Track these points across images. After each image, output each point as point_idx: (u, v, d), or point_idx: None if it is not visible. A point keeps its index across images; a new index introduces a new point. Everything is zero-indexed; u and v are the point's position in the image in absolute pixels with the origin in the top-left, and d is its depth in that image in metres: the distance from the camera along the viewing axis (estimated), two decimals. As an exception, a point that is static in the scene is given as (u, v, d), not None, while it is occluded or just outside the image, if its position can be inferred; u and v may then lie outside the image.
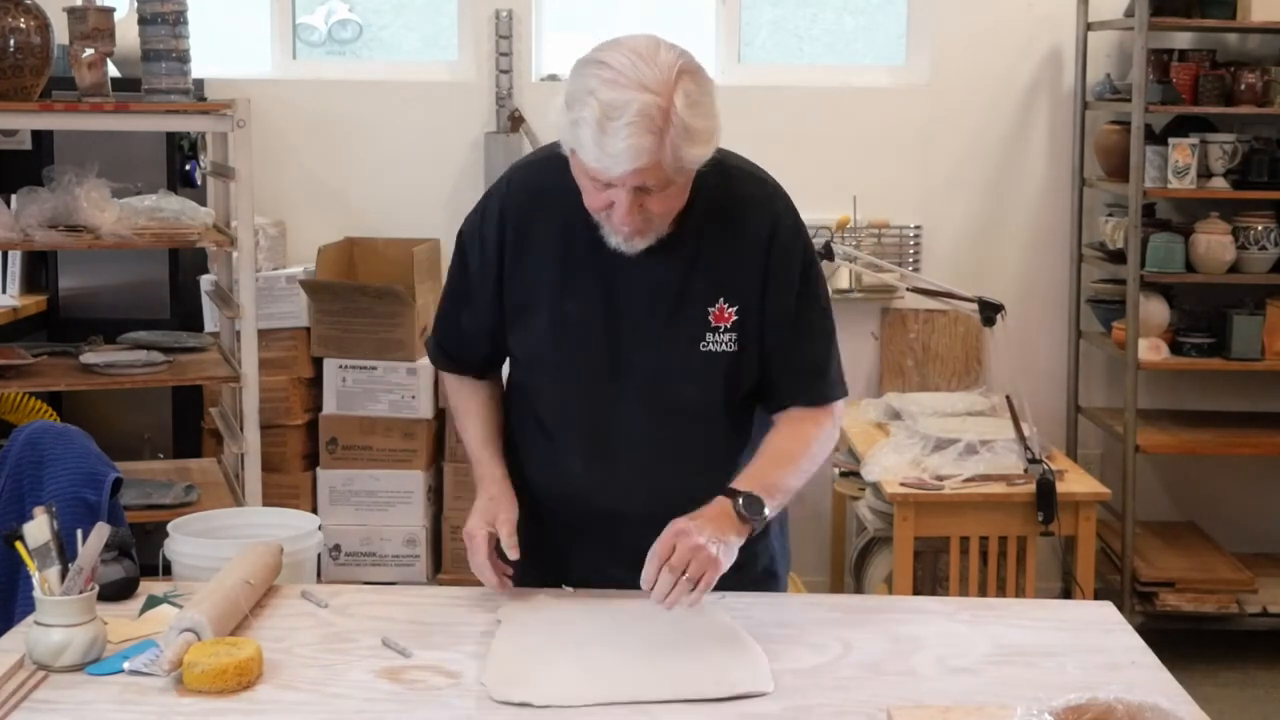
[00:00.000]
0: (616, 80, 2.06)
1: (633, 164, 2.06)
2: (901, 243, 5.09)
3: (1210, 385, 5.11)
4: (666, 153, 2.07)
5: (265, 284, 4.67)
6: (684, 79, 2.08)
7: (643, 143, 2.05)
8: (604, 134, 2.05)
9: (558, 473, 2.40)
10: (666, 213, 2.19)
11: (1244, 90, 4.66)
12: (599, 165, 2.09)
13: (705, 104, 2.11)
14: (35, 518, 2.08)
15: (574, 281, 2.28)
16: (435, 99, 5.11)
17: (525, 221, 2.30)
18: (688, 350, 2.27)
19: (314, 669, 2.05)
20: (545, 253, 2.29)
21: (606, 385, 2.30)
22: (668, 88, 2.06)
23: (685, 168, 2.12)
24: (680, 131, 2.07)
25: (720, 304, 2.27)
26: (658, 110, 2.05)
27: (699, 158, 2.12)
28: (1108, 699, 1.67)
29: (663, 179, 2.11)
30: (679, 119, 2.06)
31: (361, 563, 4.89)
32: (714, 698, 1.97)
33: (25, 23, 3.74)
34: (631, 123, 2.04)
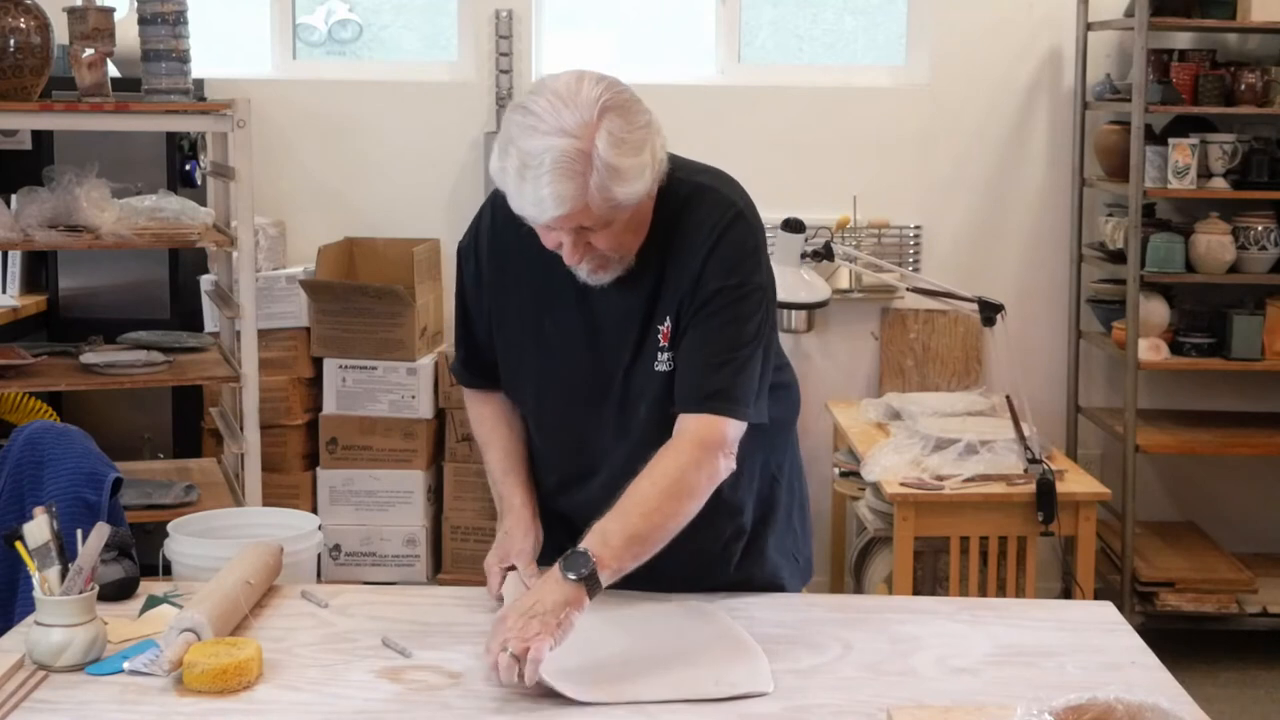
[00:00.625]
0: (537, 127, 2.03)
1: (555, 211, 2.04)
2: (901, 243, 5.09)
3: (1210, 385, 5.10)
4: (593, 194, 2.03)
5: (265, 284, 4.67)
6: (607, 117, 2.04)
7: (563, 189, 2.02)
8: (524, 182, 2.03)
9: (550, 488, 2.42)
10: (619, 246, 2.15)
11: (1244, 90, 4.66)
12: (524, 214, 2.08)
13: (632, 139, 2.06)
14: (35, 518, 2.08)
15: (555, 300, 2.27)
16: (435, 99, 5.11)
17: (504, 245, 2.30)
18: (646, 371, 2.25)
19: (314, 669, 2.06)
20: (526, 273, 2.29)
21: (585, 404, 2.30)
22: (589, 129, 2.02)
23: (620, 205, 2.07)
24: (605, 172, 2.03)
25: (667, 322, 2.23)
26: (578, 154, 2.01)
27: (631, 194, 2.07)
28: (1108, 699, 1.67)
29: (597, 219, 2.08)
30: (601, 161, 2.02)
31: (361, 563, 4.89)
32: (714, 698, 1.97)
33: (25, 23, 3.74)
34: (549, 170, 2.01)
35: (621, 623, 2.22)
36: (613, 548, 2.08)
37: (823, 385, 5.08)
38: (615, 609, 2.26)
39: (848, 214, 4.99)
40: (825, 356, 5.08)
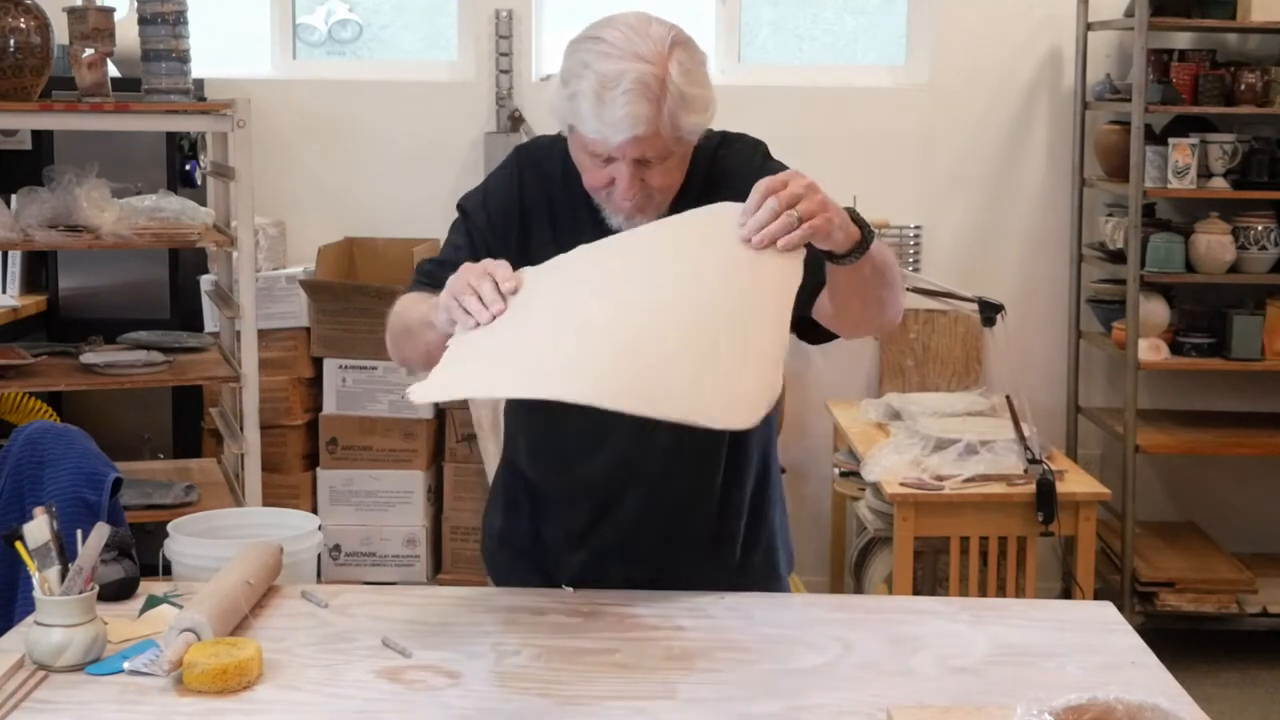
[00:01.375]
0: (611, 52, 2.09)
1: (631, 131, 2.07)
2: (901, 243, 5.09)
3: (1210, 385, 5.11)
4: (665, 120, 2.08)
5: (265, 284, 4.67)
6: (677, 49, 2.11)
7: (641, 110, 2.06)
8: (602, 104, 2.07)
9: (555, 457, 2.39)
10: (666, 187, 2.19)
11: (1244, 90, 4.66)
12: (598, 136, 2.10)
13: (698, 73, 2.13)
14: (35, 518, 2.08)
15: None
16: (435, 99, 5.12)
17: (533, 206, 2.30)
18: None
19: (314, 669, 2.05)
20: (548, 234, 2.28)
21: None
22: (662, 57, 2.09)
23: (683, 136, 2.13)
24: (677, 99, 2.08)
25: None
26: (654, 78, 2.07)
27: (697, 125, 2.14)
28: (1108, 699, 1.66)
29: (662, 148, 2.12)
30: (675, 87, 2.08)
31: (361, 563, 4.89)
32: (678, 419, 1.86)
33: (25, 23, 3.74)
34: (629, 90, 2.06)
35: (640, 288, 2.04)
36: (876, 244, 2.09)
37: (823, 385, 5.08)
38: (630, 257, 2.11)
39: (848, 214, 4.98)
40: (825, 356, 5.08)
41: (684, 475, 2.35)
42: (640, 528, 2.36)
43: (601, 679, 2.02)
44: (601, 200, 2.21)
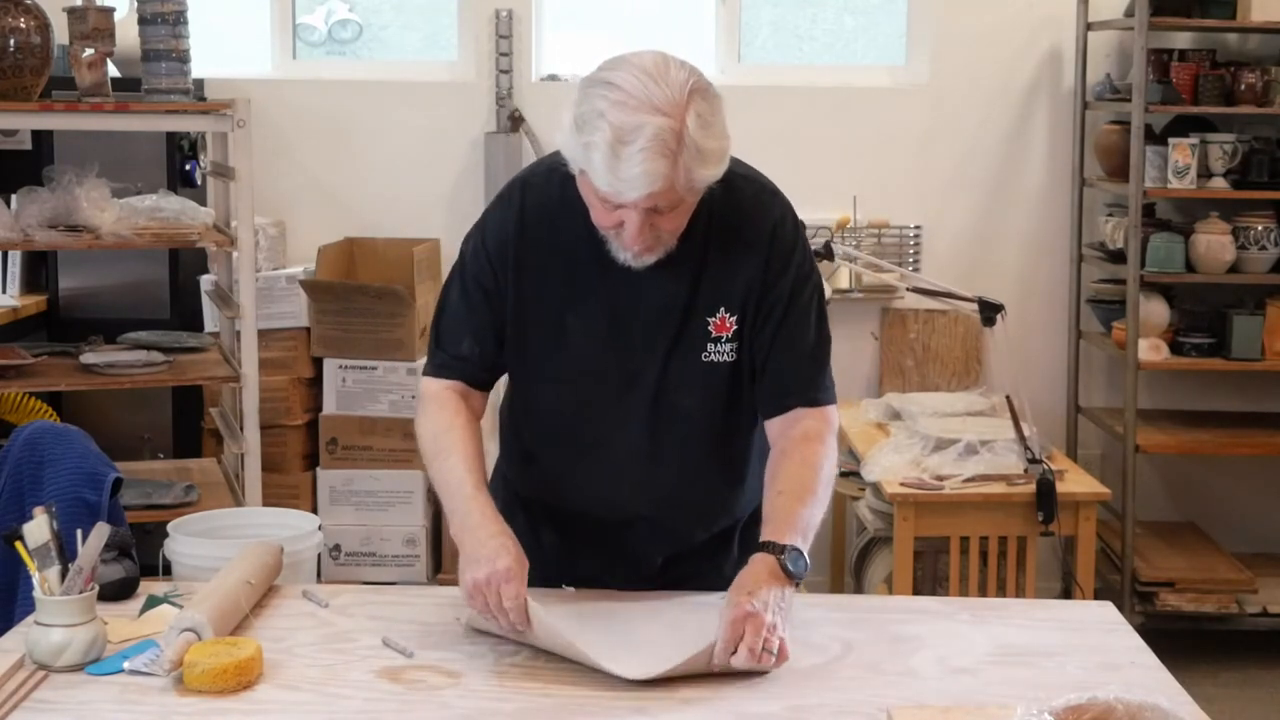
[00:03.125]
0: (627, 102, 2.02)
1: (647, 189, 2.04)
2: (901, 243, 5.09)
3: (1210, 385, 5.10)
4: (680, 175, 2.05)
5: (265, 284, 4.67)
6: (695, 99, 2.05)
7: (657, 168, 2.02)
8: (617, 159, 2.02)
9: (557, 483, 2.40)
10: (675, 229, 2.17)
11: (1244, 90, 4.66)
12: (611, 190, 2.06)
13: (716, 124, 2.08)
14: (35, 518, 2.08)
15: (578, 295, 2.26)
16: (435, 99, 5.11)
17: (532, 240, 2.27)
18: (690, 361, 2.26)
19: (314, 669, 2.06)
20: (550, 267, 2.27)
21: (609, 397, 2.29)
22: (680, 109, 2.03)
23: (697, 188, 2.10)
24: (693, 153, 2.04)
25: (721, 314, 2.26)
26: (671, 133, 2.02)
27: (711, 178, 2.10)
28: (1108, 699, 1.67)
29: (674, 200, 2.09)
30: (691, 141, 2.03)
31: (361, 563, 4.89)
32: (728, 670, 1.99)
33: (25, 23, 3.74)
34: (645, 148, 2.01)
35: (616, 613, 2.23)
36: (808, 540, 2.20)
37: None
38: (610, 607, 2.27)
39: (848, 214, 4.99)
40: (825, 356, 5.07)
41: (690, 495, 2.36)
42: (640, 540, 2.37)
43: (602, 679, 2.02)
44: (610, 237, 2.18)
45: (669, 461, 2.32)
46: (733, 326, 2.26)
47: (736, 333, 2.26)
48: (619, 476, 2.33)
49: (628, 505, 2.34)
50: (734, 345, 2.27)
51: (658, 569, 2.41)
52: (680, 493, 2.34)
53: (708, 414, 2.30)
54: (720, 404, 2.31)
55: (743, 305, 2.26)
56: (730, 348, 2.27)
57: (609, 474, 2.33)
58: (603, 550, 2.38)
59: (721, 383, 2.29)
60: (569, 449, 2.36)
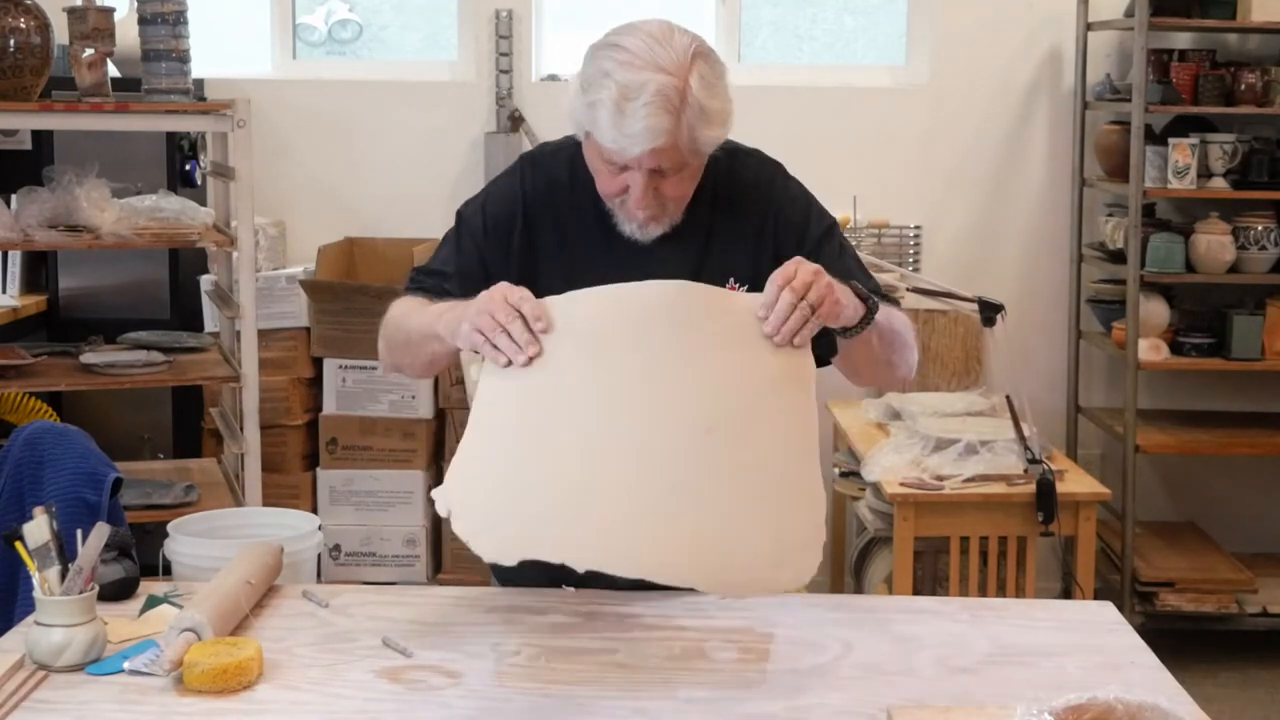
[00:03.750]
0: (632, 62, 2.08)
1: (650, 143, 2.08)
2: (901, 243, 5.09)
3: (1210, 385, 5.11)
4: (683, 133, 2.09)
5: (265, 284, 4.67)
6: (698, 61, 2.12)
7: (660, 122, 2.07)
8: (622, 114, 2.07)
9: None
10: (680, 197, 2.20)
11: (1244, 90, 4.66)
12: (616, 146, 2.10)
13: (719, 86, 2.13)
14: (35, 518, 2.08)
15: (585, 269, 2.26)
16: (435, 99, 5.11)
17: (537, 217, 2.30)
18: None
19: (314, 669, 2.05)
20: (556, 242, 2.29)
21: None
22: (683, 69, 2.09)
23: (700, 149, 2.14)
24: (696, 112, 2.09)
25: (730, 282, 2.28)
26: (674, 90, 2.07)
27: (714, 139, 2.14)
28: (1108, 699, 1.66)
29: (678, 160, 2.13)
30: (695, 100, 2.09)
31: (361, 563, 4.89)
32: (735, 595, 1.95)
33: (25, 23, 3.74)
34: (649, 102, 2.06)
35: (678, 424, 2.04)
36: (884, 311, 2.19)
37: (823, 385, 5.03)
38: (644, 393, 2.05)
39: (848, 214, 4.99)
40: (825, 356, 5.07)
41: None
42: None
43: (601, 679, 2.02)
44: (615, 207, 2.21)
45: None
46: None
47: None
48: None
49: None
50: None
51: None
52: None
53: None
54: None
55: (754, 275, 2.23)
56: None
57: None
58: None
59: None
60: None
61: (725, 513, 1.98)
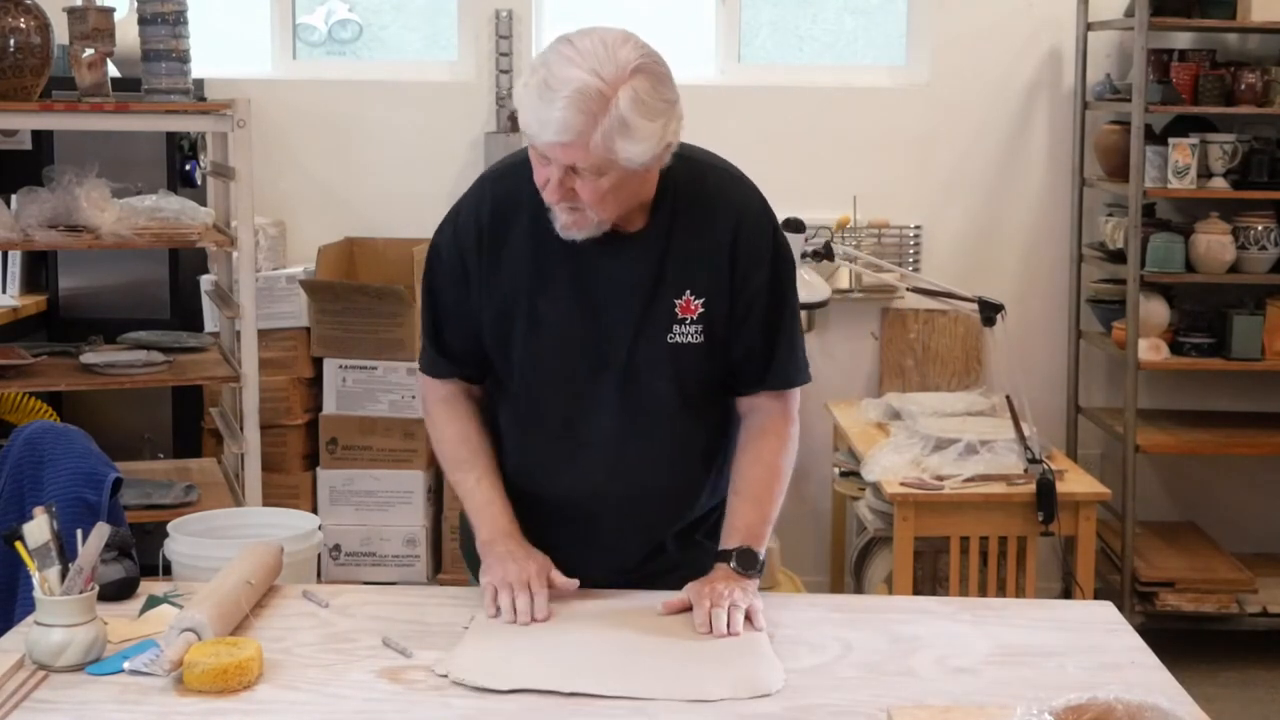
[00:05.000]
0: (573, 59, 2.11)
1: (557, 136, 2.10)
2: (901, 243, 5.09)
3: (1210, 385, 5.10)
4: (596, 139, 2.09)
5: (265, 284, 4.67)
6: (639, 76, 2.11)
7: (572, 119, 2.08)
8: (541, 100, 2.11)
9: (533, 469, 2.41)
10: (600, 204, 2.18)
11: (1244, 90, 4.66)
12: (529, 130, 2.14)
13: (653, 106, 2.11)
14: (35, 518, 2.08)
15: (547, 280, 2.30)
16: (435, 99, 5.11)
17: (499, 228, 2.32)
18: (657, 342, 2.30)
19: (314, 669, 2.06)
20: (519, 256, 2.31)
21: (580, 380, 2.32)
22: (618, 80, 2.10)
23: (618, 162, 2.12)
24: (617, 123, 2.09)
25: (687, 296, 2.30)
26: (597, 95, 2.08)
27: (636, 155, 2.12)
28: (1108, 699, 1.67)
29: (592, 164, 2.12)
30: (619, 112, 2.09)
31: (361, 563, 4.89)
32: (717, 699, 1.97)
33: (25, 23, 3.74)
34: (568, 97, 2.08)
35: (631, 620, 2.22)
36: (761, 536, 2.35)
37: (823, 385, 5.08)
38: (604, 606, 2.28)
39: (848, 214, 4.99)
40: (825, 356, 5.08)
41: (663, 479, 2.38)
42: (615, 525, 2.38)
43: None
44: (550, 204, 2.23)
45: (641, 444, 2.34)
46: (698, 309, 2.30)
47: (704, 315, 2.30)
48: (593, 460, 2.35)
49: (602, 490, 2.36)
50: (700, 328, 2.30)
51: (637, 562, 2.41)
52: (654, 477, 2.36)
53: (678, 396, 2.33)
54: (691, 387, 2.34)
55: (712, 291, 2.30)
56: (696, 329, 2.30)
57: (583, 458, 2.35)
58: (580, 540, 2.39)
59: (691, 365, 2.32)
60: (544, 434, 2.38)
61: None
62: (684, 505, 2.42)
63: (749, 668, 2.05)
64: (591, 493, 2.36)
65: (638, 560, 2.42)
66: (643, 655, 2.10)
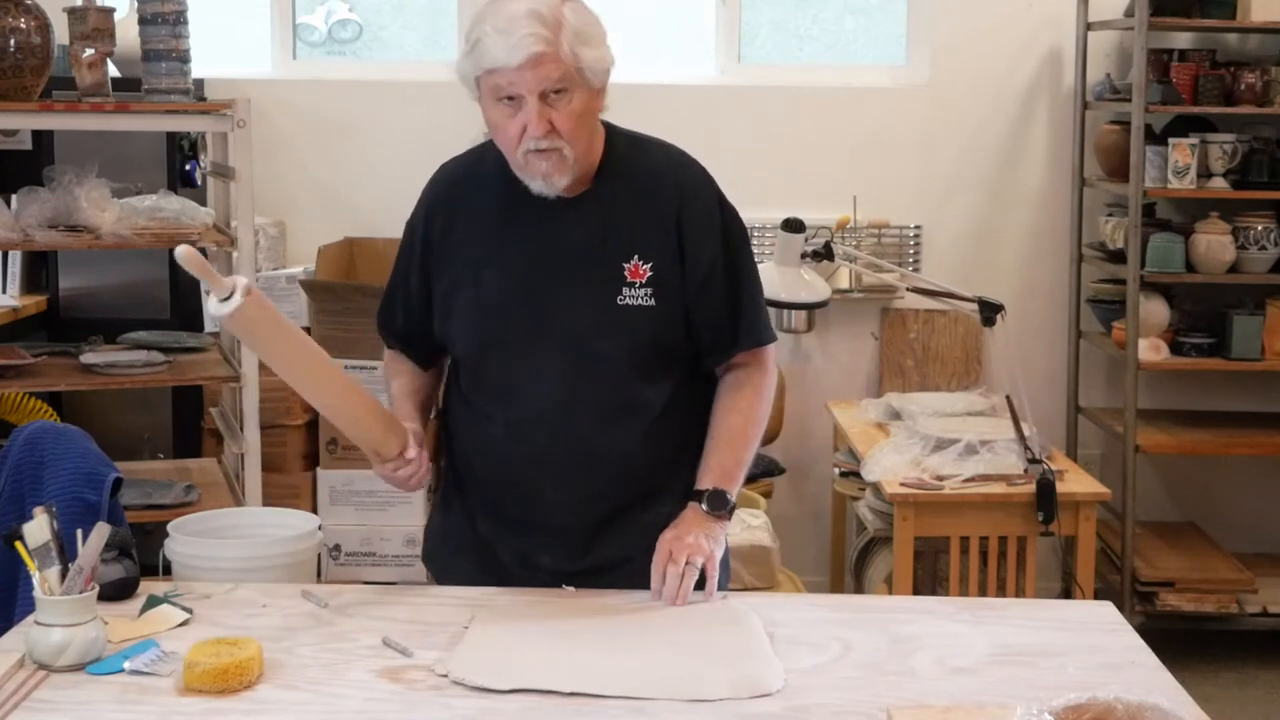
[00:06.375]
0: (506, 4, 2.26)
1: (532, 48, 2.22)
2: (901, 243, 5.09)
3: (1210, 385, 5.11)
4: (564, 47, 2.23)
5: (265, 284, 4.67)
6: (569, 3, 2.28)
7: (540, 30, 2.22)
8: (503, 34, 2.23)
9: (480, 443, 2.45)
10: (573, 131, 2.28)
11: (1244, 90, 4.66)
12: (502, 62, 2.24)
13: (592, 19, 2.30)
14: (35, 518, 2.08)
15: (495, 251, 2.40)
16: (435, 99, 5.11)
17: (449, 209, 2.47)
18: (605, 305, 2.36)
19: (314, 669, 2.06)
20: (468, 232, 2.43)
21: (526, 343, 2.38)
22: (556, 4, 2.26)
23: (584, 70, 2.26)
24: (573, 33, 2.25)
25: (635, 260, 2.37)
26: (548, 9, 2.24)
27: (596, 60, 2.27)
28: (1108, 699, 1.67)
29: (564, 76, 2.25)
30: (570, 22, 2.25)
31: (361, 563, 4.89)
32: (717, 698, 1.97)
33: (25, 23, 3.74)
34: (525, 16, 2.23)
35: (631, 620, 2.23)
36: (735, 479, 2.42)
37: (823, 385, 5.08)
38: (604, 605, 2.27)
39: (848, 214, 4.99)
40: (825, 356, 5.08)
41: (604, 465, 2.40)
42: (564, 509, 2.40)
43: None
44: (520, 166, 2.33)
45: (585, 406, 2.37)
46: (647, 274, 2.36)
47: (653, 279, 2.36)
48: (537, 425, 2.38)
49: (546, 456, 2.38)
50: (650, 291, 2.36)
51: (582, 545, 2.42)
52: (596, 440, 2.38)
53: (626, 360, 2.37)
54: (642, 350, 2.38)
55: (660, 257, 2.37)
56: (646, 293, 2.36)
57: (529, 423, 2.38)
58: (528, 523, 2.42)
59: (641, 329, 2.37)
60: (491, 400, 2.42)
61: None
62: (629, 478, 2.42)
63: (749, 668, 2.05)
64: (533, 458, 2.39)
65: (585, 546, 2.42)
66: (643, 655, 2.10)
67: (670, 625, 2.21)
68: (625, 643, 2.14)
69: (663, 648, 2.13)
